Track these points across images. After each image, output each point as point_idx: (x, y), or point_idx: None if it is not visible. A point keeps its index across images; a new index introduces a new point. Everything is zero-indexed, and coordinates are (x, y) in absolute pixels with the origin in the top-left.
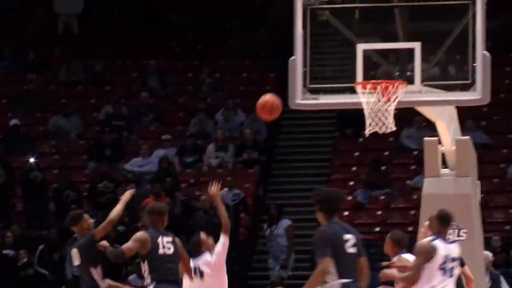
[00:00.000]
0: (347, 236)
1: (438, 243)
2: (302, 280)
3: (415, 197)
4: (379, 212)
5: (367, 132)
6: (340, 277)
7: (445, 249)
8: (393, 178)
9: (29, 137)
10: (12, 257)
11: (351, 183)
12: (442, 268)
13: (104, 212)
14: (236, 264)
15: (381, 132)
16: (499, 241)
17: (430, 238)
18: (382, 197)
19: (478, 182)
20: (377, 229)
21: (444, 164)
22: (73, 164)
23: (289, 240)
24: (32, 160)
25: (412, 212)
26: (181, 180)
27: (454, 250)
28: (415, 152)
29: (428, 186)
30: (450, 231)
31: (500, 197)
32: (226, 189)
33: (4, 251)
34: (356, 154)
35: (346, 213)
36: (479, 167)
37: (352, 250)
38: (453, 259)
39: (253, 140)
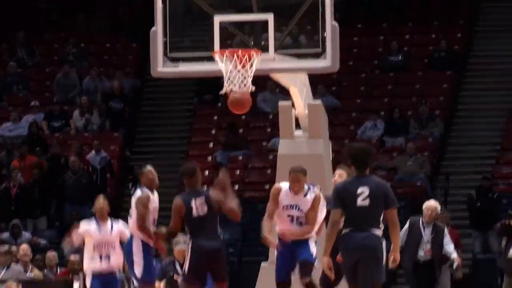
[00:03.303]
0: (361, 190)
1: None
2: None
3: (271, 157)
4: (238, 172)
5: (224, 91)
6: (347, 227)
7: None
8: (251, 140)
9: None
10: None
11: (211, 145)
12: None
13: None
14: None
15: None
16: None
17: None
18: (240, 158)
19: (330, 142)
20: (236, 187)
21: (298, 126)
22: None
23: None
24: None
25: (269, 171)
26: (49, 143)
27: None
28: (270, 116)
29: (283, 147)
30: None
31: None
32: (93, 152)
33: None
34: (215, 118)
35: (206, 172)
36: (331, 129)
37: (363, 203)
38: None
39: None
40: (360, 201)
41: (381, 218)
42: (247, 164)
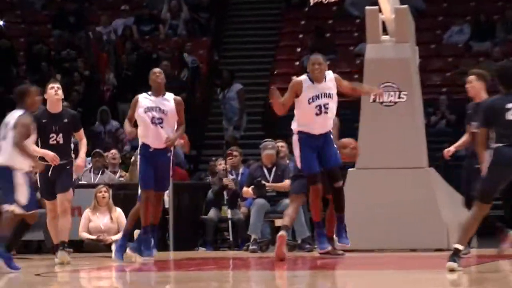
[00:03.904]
0: (510, 105)
1: None
2: (253, 140)
3: (358, 62)
4: None
5: (312, 0)
6: (498, 142)
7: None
8: (338, 44)
9: None
10: None
11: (298, 49)
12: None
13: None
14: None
15: (325, 1)
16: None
17: None
18: (328, 62)
19: (416, 48)
20: None
21: (385, 31)
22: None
23: (240, 103)
24: (0, 22)
25: (356, 76)
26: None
27: None
28: (358, 20)
29: (370, 51)
30: (391, 92)
31: (437, 61)
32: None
33: None
34: (302, 22)
35: (294, 77)
36: (417, 34)
37: None
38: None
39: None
40: (509, 116)
41: None
42: (334, 68)
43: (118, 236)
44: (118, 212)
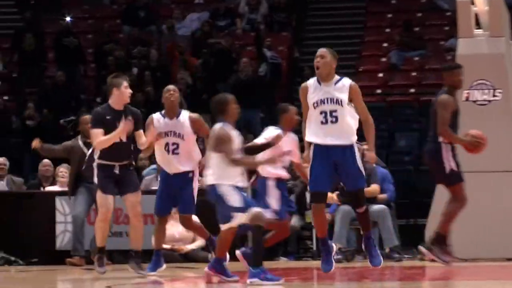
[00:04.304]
0: None
1: None
2: None
3: (449, 57)
4: (414, 73)
5: None
6: None
7: None
8: (427, 39)
9: (62, 1)
10: None
11: (385, 44)
12: None
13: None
14: None
15: None
16: None
17: None
18: (416, 58)
19: None
20: (412, 90)
21: (478, 24)
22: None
23: None
24: (68, 19)
25: None
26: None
27: None
28: (448, 13)
29: (462, 46)
30: (485, 91)
31: None
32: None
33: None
34: (389, 16)
35: (381, 74)
36: None
37: None
38: None
39: (285, 3)
40: None
41: None
42: (424, 65)
43: (194, 245)
44: (194, 220)
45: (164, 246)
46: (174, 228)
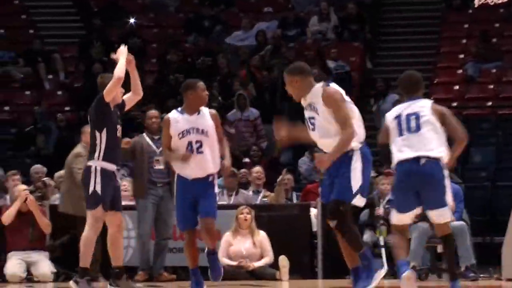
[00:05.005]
0: None
1: None
2: None
3: None
4: (491, 86)
5: (477, 2)
6: None
7: None
8: (505, 50)
9: (127, 10)
10: None
11: (461, 56)
12: None
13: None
14: None
15: (492, 3)
16: None
17: None
18: (494, 70)
19: None
20: (489, 103)
21: None
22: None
23: None
24: (132, 20)
25: None
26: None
27: None
28: None
29: None
30: None
31: None
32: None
33: None
34: (465, 26)
35: (457, 87)
36: None
37: None
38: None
39: (356, 13)
40: None
41: None
42: (501, 77)
43: (261, 262)
44: (262, 235)
45: (231, 262)
46: (241, 244)
